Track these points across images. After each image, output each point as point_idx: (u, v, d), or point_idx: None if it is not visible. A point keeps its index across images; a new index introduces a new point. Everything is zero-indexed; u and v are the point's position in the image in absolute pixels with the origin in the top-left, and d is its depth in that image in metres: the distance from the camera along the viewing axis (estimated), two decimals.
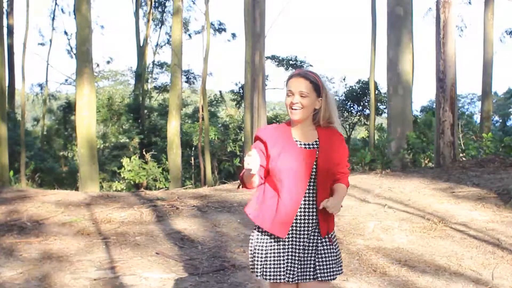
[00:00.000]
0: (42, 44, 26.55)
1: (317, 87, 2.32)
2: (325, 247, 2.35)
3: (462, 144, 11.07)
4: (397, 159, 10.71)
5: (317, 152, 2.32)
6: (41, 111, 25.41)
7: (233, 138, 20.27)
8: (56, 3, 25.69)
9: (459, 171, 8.32)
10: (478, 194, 6.70)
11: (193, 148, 20.09)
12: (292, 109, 2.31)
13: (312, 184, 2.32)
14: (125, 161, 17.89)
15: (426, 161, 10.95)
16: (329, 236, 2.37)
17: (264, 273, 2.34)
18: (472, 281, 4.05)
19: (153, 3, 26.23)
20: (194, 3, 27.44)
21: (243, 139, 17.90)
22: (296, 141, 2.35)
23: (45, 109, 24.34)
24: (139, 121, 22.56)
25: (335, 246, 2.40)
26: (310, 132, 2.38)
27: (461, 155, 10.25)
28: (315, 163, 2.30)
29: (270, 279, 2.33)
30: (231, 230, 5.32)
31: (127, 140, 21.86)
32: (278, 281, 2.31)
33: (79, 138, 10.75)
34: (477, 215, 5.85)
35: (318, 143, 2.35)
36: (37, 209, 5.79)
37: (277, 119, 22.21)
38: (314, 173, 2.31)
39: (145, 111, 23.17)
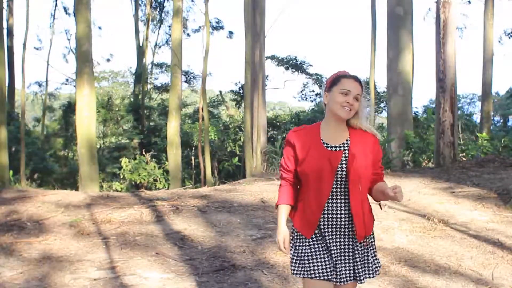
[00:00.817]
0: (38, 49, 26.62)
1: (362, 91, 2.39)
2: (362, 250, 2.39)
3: (462, 144, 11.08)
4: (397, 159, 10.72)
5: (346, 154, 2.34)
6: (41, 111, 25.42)
7: (233, 138, 20.27)
8: (55, 4, 25.68)
9: (459, 171, 8.32)
10: (478, 194, 6.70)
11: (193, 148, 20.08)
12: (344, 107, 2.33)
13: (342, 186, 2.34)
14: (124, 161, 17.88)
15: (426, 161, 10.95)
16: (366, 239, 2.40)
17: (297, 270, 2.41)
18: (472, 281, 4.05)
19: (152, 4, 26.23)
20: (193, 2, 27.44)
21: (243, 139, 17.90)
22: (324, 143, 2.38)
23: (45, 108, 24.34)
24: (139, 121, 22.56)
25: (372, 248, 2.45)
26: (342, 133, 2.40)
27: (460, 155, 10.26)
28: (344, 165, 2.33)
29: (302, 274, 2.38)
30: (231, 230, 5.32)
31: (127, 140, 21.87)
32: (309, 277, 2.35)
33: (79, 138, 10.74)
34: (477, 215, 5.85)
35: (348, 144, 2.37)
36: (37, 209, 5.79)
37: (277, 119, 22.20)
38: (343, 175, 2.33)
39: (145, 111, 23.17)
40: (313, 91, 25.43)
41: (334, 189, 2.34)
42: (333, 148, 2.36)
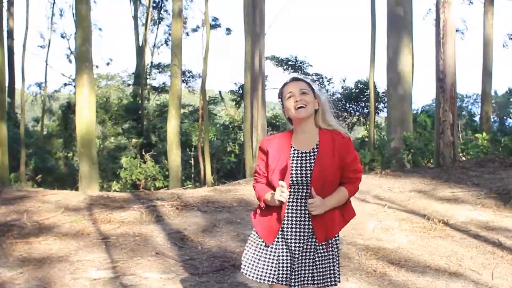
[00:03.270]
0: (42, 47, 26.53)
1: (312, 88, 2.40)
2: (322, 253, 2.36)
3: (462, 144, 11.08)
4: (397, 159, 10.72)
5: (312, 160, 2.33)
6: (41, 111, 25.41)
7: (232, 138, 20.28)
8: (54, 2, 25.66)
9: (459, 171, 8.32)
10: (478, 194, 6.70)
11: (193, 148, 20.09)
12: (296, 108, 2.34)
13: (303, 191, 2.33)
14: (124, 161, 17.89)
15: (426, 161, 10.95)
16: (328, 242, 2.37)
17: (251, 272, 2.42)
18: (472, 281, 4.05)
19: (151, 4, 26.23)
20: (192, 0, 27.44)
21: (242, 139, 17.90)
22: (293, 149, 2.38)
23: (44, 108, 24.33)
24: (138, 121, 22.56)
25: (332, 252, 2.39)
26: (311, 137, 2.39)
27: (460, 154, 10.26)
28: (308, 171, 2.31)
29: (256, 278, 2.40)
30: (231, 230, 5.32)
31: (127, 140, 21.87)
32: (263, 281, 2.39)
33: (79, 138, 10.74)
34: (477, 215, 5.85)
35: (317, 148, 2.35)
36: (37, 209, 5.79)
37: (277, 119, 22.20)
38: (308, 181, 2.31)
39: (145, 111, 23.17)
40: None
41: (298, 194, 2.34)
42: (297, 156, 2.36)
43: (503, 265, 4.41)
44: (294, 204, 2.35)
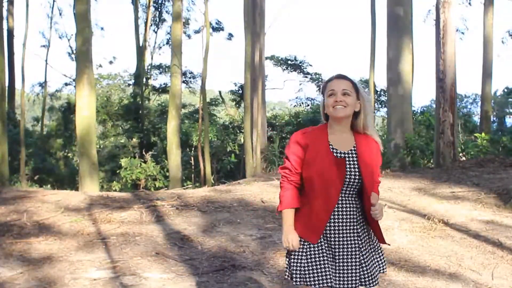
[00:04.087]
0: (44, 46, 26.49)
1: (357, 88, 2.34)
2: (369, 255, 2.37)
3: (462, 143, 11.09)
4: (397, 159, 10.72)
5: (355, 161, 2.32)
6: (41, 111, 25.41)
7: (232, 138, 20.28)
8: (54, 2, 25.66)
9: (459, 171, 8.33)
10: (478, 194, 6.70)
11: (193, 148, 20.08)
12: (335, 107, 2.30)
13: (352, 192, 2.33)
14: (123, 161, 17.89)
15: (426, 162, 10.96)
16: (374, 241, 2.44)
17: (297, 276, 2.35)
18: (472, 281, 4.05)
19: (151, 4, 26.22)
20: (193, 2, 27.43)
21: (242, 139, 17.91)
22: (332, 147, 2.34)
23: (44, 108, 24.34)
24: (139, 121, 22.56)
25: (379, 251, 2.45)
26: (348, 139, 2.37)
27: (460, 154, 10.26)
28: (357, 172, 2.30)
29: (302, 282, 2.33)
30: (231, 230, 5.32)
31: (127, 140, 21.87)
32: (309, 284, 2.32)
33: (79, 138, 10.74)
34: (477, 215, 5.85)
35: (355, 150, 2.34)
36: (37, 209, 5.79)
37: (276, 119, 22.20)
38: (354, 182, 2.30)
39: (145, 111, 23.17)
40: (308, 98, 25.28)
41: (343, 195, 2.32)
42: (341, 155, 2.33)
43: (503, 265, 4.41)
44: (343, 205, 2.32)
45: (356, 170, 2.30)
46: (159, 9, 27.16)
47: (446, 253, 4.70)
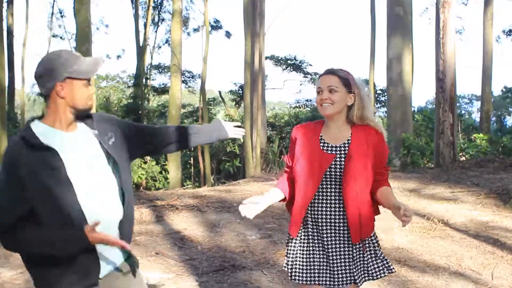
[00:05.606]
0: (45, 46, 26.45)
1: (347, 82, 2.26)
2: (360, 252, 2.32)
3: (461, 144, 11.09)
4: (396, 159, 10.72)
5: (342, 155, 2.25)
6: (41, 111, 25.38)
7: (232, 138, 20.29)
8: (54, 1, 25.67)
9: (458, 171, 8.33)
10: (478, 194, 6.70)
11: (193, 148, 20.08)
12: (322, 105, 2.25)
13: (336, 187, 2.26)
14: None
15: (425, 162, 10.96)
16: (364, 242, 2.33)
17: (292, 274, 2.37)
18: (472, 281, 4.05)
19: (151, 4, 26.21)
20: (192, 2, 27.43)
21: (242, 139, 17.90)
22: (322, 141, 2.30)
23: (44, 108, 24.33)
24: (138, 121, 22.55)
25: (372, 251, 2.36)
26: (342, 132, 2.30)
27: (460, 154, 10.27)
28: (338, 166, 2.25)
29: (294, 279, 2.36)
30: (231, 230, 5.32)
31: None
32: (301, 282, 2.33)
33: None
34: (477, 215, 5.86)
35: (348, 144, 2.27)
36: None
37: (276, 119, 22.20)
38: (337, 177, 2.25)
39: (145, 111, 23.17)
40: (308, 100, 25.26)
41: (326, 190, 2.27)
42: (330, 149, 2.28)
43: (503, 265, 4.42)
44: (324, 198, 2.28)
45: (342, 165, 2.24)
46: (158, 9, 27.16)
47: (446, 253, 4.70)
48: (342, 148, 2.27)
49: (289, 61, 24.88)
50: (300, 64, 25.07)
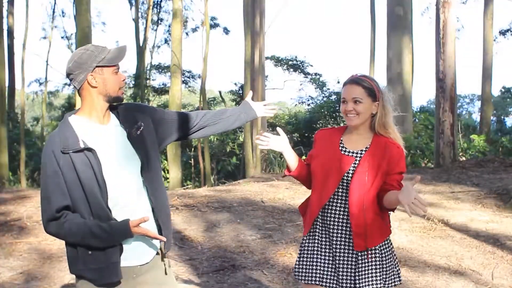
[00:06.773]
0: (45, 46, 26.46)
1: (372, 92, 2.24)
2: (365, 261, 2.27)
3: (461, 144, 11.09)
4: None
5: (356, 161, 2.24)
6: (41, 111, 25.41)
7: (232, 138, 20.27)
8: (54, 2, 25.67)
9: (459, 171, 8.33)
10: (478, 194, 6.71)
11: (193, 148, 20.09)
12: (347, 115, 2.25)
13: (345, 193, 2.25)
14: None
15: (426, 161, 10.96)
16: (370, 252, 2.27)
17: (294, 270, 2.41)
18: (472, 281, 4.05)
19: (151, 4, 26.22)
20: (191, 1, 27.44)
21: (242, 139, 17.90)
22: (342, 146, 2.31)
23: (44, 108, 24.33)
24: None
25: (379, 260, 2.31)
26: (363, 139, 2.29)
27: (460, 154, 10.27)
28: (351, 172, 2.23)
29: (296, 276, 2.39)
30: (231, 230, 5.32)
31: None
32: (303, 281, 2.35)
33: None
34: (477, 215, 5.86)
35: (365, 151, 2.25)
36: (37, 209, 5.78)
37: (277, 119, 22.20)
38: (348, 182, 2.23)
39: None
40: (310, 97, 25.24)
41: (337, 195, 2.27)
42: (349, 153, 2.27)
43: (503, 265, 4.42)
44: (336, 202, 2.27)
45: (351, 169, 2.24)
46: (158, 8, 27.16)
47: (446, 253, 4.70)
48: (359, 154, 2.27)
49: (289, 62, 24.87)
50: (300, 64, 25.06)
